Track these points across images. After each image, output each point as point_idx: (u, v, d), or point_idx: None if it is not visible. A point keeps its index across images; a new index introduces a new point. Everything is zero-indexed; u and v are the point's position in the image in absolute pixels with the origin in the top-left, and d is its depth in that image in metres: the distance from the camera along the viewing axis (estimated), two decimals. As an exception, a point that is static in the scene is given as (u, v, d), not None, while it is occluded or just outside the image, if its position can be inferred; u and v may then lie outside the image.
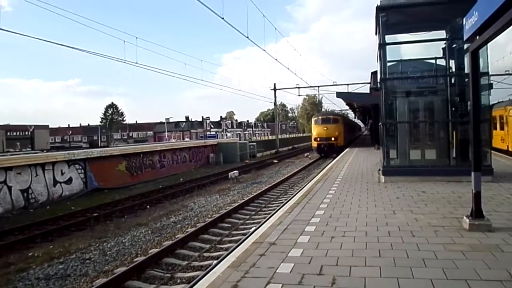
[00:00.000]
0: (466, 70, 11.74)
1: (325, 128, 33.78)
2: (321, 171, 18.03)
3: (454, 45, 12.70)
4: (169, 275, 7.63)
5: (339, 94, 35.68)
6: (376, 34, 13.33)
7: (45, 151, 30.30)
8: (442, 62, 14.01)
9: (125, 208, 15.22)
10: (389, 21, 12.32)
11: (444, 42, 13.37)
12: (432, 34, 13.86)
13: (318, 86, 43.66)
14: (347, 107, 54.75)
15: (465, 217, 6.28)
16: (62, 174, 18.87)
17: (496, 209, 7.34)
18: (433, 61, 14.43)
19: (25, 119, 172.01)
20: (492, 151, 13.16)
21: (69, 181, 19.21)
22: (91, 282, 7.52)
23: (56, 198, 18.13)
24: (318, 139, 34.20)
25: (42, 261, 9.08)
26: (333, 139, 33.40)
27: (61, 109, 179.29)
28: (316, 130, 34.86)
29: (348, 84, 40.12)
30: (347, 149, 30.39)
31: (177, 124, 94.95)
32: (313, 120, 37.16)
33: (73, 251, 9.78)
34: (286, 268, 4.72)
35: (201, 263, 8.20)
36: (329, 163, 20.85)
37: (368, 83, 31.25)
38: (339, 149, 31.94)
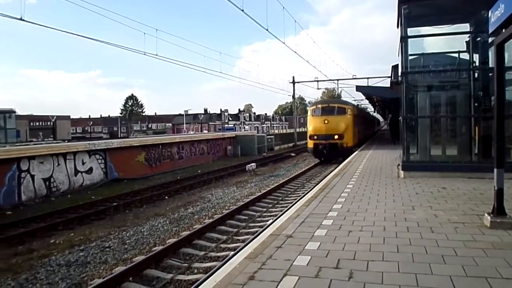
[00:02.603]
0: (491, 64, 11.44)
1: (326, 121, 24.38)
2: (338, 165, 17.91)
3: (479, 39, 12.39)
4: (186, 264, 7.73)
5: (359, 88, 34.89)
6: (397, 27, 13.12)
7: (66, 141, 30.93)
8: (465, 56, 13.71)
9: (144, 198, 15.44)
10: (412, 13, 12.07)
11: (468, 35, 13.07)
12: (456, 27, 13.56)
13: (337, 80, 43.22)
14: (367, 101, 54.00)
15: (486, 214, 6.17)
16: (83, 164, 19.23)
17: (518, 207, 7.18)
18: (456, 55, 14.13)
19: (48, 109, 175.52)
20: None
21: (89, 170, 19.58)
22: (110, 270, 7.67)
23: (77, 187, 18.51)
24: (315, 137, 24.59)
25: (63, 248, 9.30)
26: (336, 137, 23.97)
27: (83, 100, 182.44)
28: (312, 124, 25.43)
29: (368, 78, 39.68)
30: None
31: (195, 116, 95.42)
32: (309, 110, 27.19)
33: (93, 239, 9.99)
34: (303, 261, 4.72)
35: (218, 254, 8.27)
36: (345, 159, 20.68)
37: (389, 77, 30.62)
38: (346, 151, 23.64)
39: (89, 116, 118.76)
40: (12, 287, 7.04)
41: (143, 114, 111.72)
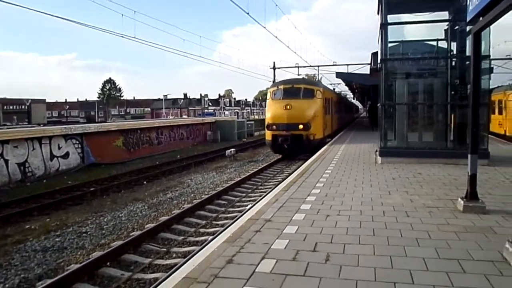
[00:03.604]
0: (468, 53, 11.65)
1: (288, 107, 18.75)
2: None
3: (457, 27, 12.57)
4: (165, 249, 7.71)
5: (339, 74, 34.87)
6: (378, 13, 13.16)
7: (42, 125, 30.24)
8: (443, 44, 13.90)
9: (122, 183, 15.28)
10: (392, 0, 12.13)
11: (447, 23, 13.23)
12: (435, 15, 13.72)
13: (318, 66, 42.94)
14: (347, 88, 54.33)
15: (459, 199, 6.32)
16: (59, 148, 18.86)
17: (490, 192, 7.39)
18: (434, 43, 14.32)
19: (22, 93, 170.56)
20: (489, 136, 13.17)
21: (66, 155, 19.22)
22: (88, 255, 7.59)
23: (53, 172, 18.16)
24: (274, 126, 19.05)
25: (39, 233, 9.16)
26: (301, 126, 18.45)
27: (58, 83, 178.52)
28: (271, 110, 19.61)
29: (348, 65, 39.71)
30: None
31: (175, 101, 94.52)
32: (269, 92, 21.26)
33: (69, 224, 9.85)
34: (281, 245, 4.76)
35: (197, 239, 8.28)
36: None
37: (368, 64, 30.91)
38: (314, 144, 18.52)
39: (66, 100, 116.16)
40: (-14, 273, 6.88)
41: (121, 98, 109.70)
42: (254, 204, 7.92)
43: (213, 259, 4.36)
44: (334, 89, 42.28)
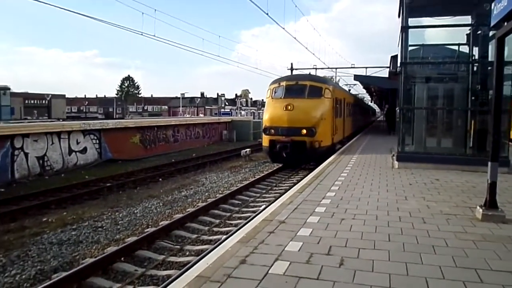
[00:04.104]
0: (490, 58, 11.42)
1: (289, 107, 15.89)
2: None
3: (479, 32, 12.33)
4: (178, 247, 7.76)
5: (357, 77, 34.58)
6: (399, 16, 13.01)
7: (61, 120, 30.75)
8: (465, 48, 13.69)
9: (138, 179, 15.45)
10: (414, 3, 11.97)
11: (469, 28, 13.01)
12: (457, 19, 13.46)
13: (336, 68, 42.63)
14: (364, 91, 53.86)
15: (478, 207, 6.20)
16: (78, 143, 19.16)
17: (510, 201, 7.23)
18: (455, 47, 14.12)
19: (43, 88, 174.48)
20: (510, 143, 12.90)
21: (84, 150, 19.52)
22: (102, 250, 7.68)
23: (70, 166, 18.46)
24: (272, 130, 16.23)
25: (56, 226, 9.31)
26: (304, 131, 15.66)
27: (79, 79, 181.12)
28: (270, 110, 16.81)
29: (366, 67, 39.33)
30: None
31: (192, 99, 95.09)
32: (269, 89, 17.65)
33: (85, 218, 9.99)
34: (295, 247, 4.74)
35: (210, 237, 8.31)
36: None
37: (387, 67, 30.50)
38: (319, 153, 15.75)
39: (85, 95, 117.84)
40: (4, 264, 7.03)
41: (139, 95, 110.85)
42: (269, 205, 7.90)
43: (226, 259, 4.36)
44: (349, 89, 40.37)
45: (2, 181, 14.80)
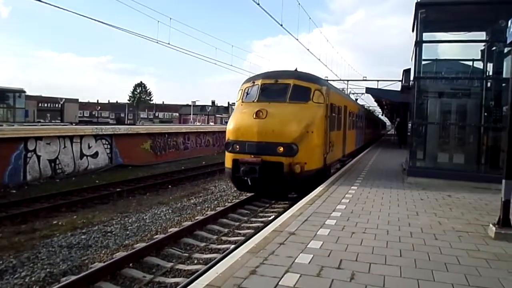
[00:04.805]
0: (505, 75, 11.38)
1: (261, 114, 11.28)
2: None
3: (494, 48, 12.28)
4: (186, 254, 7.75)
5: (368, 90, 34.49)
6: (413, 31, 13.02)
7: (73, 124, 31.09)
8: (479, 64, 13.62)
9: (148, 186, 15.52)
10: (428, 18, 11.99)
11: (484, 44, 12.96)
12: (472, 35, 13.46)
13: (348, 80, 42.66)
14: (376, 104, 53.61)
15: (491, 225, 6.13)
16: (89, 147, 19.33)
17: (524, 220, 7.12)
18: (469, 63, 14.07)
19: (56, 91, 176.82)
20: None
21: (95, 155, 19.67)
22: (111, 254, 7.71)
23: (81, 170, 18.61)
24: (237, 146, 11.57)
25: (66, 230, 9.37)
26: (281, 149, 11.05)
27: (92, 84, 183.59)
28: (235, 117, 12.32)
29: (378, 80, 39.23)
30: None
31: (203, 107, 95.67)
32: (240, 89, 13.07)
33: (95, 223, 10.05)
34: (305, 259, 4.72)
35: (219, 246, 8.28)
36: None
37: (399, 80, 30.49)
38: (304, 179, 11.29)
39: (97, 100, 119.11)
40: (14, 265, 7.08)
41: (151, 102, 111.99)
42: (278, 216, 7.88)
43: (236, 269, 4.36)
44: (356, 99, 36.24)
45: (14, 183, 14.97)
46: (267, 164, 10.97)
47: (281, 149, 11.01)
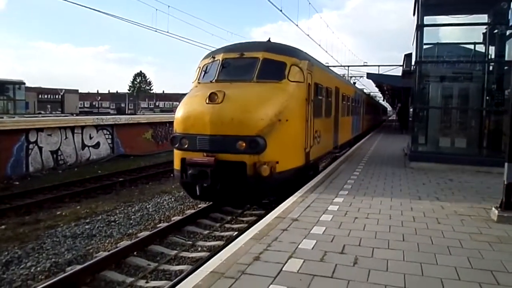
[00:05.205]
0: (507, 58, 11.29)
1: (217, 98, 8.16)
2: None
3: (496, 31, 12.17)
4: (190, 242, 7.80)
5: (369, 75, 34.34)
6: (414, 14, 12.91)
7: (74, 115, 31.07)
8: (481, 48, 13.50)
9: (150, 175, 15.56)
10: (429, 1, 11.88)
11: (486, 26, 12.83)
12: (473, 18, 13.31)
13: (348, 66, 42.45)
14: (377, 89, 53.40)
15: (493, 208, 6.14)
16: (91, 138, 19.34)
17: (526, 203, 7.13)
18: (471, 46, 13.94)
19: (56, 82, 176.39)
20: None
21: (96, 145, 19.70)
22: (115, 244, 7.76)
23: (83, 161, 18.65)
24: (186, 141, 8.56)
25: (70, 220, 9.42)
26: (242, 144, 8.04)
27: (91, 74, 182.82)
28: (185, 104, 9.05)
29: (379, 66, 39.20)
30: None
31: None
32: (198, 67, 10.19)
33: (99, 212, 10.10)
34: (308, 245, 4.75)
35: (222, 234, 8.32)
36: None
37: (400, 65, 30.29)
38: (275, 182, 8.41)
39: (97, 91, 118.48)
40: (20, 256, 7.14)
41: (151, 91, 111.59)
42: (281, 203, 7.88)
43: (240, 255, 4.38)
44: (354, 83, 33.44)
45: (17, 175, 15.02)
46: (223, 165, 8.16)
47: (243, 144, 8.12)
